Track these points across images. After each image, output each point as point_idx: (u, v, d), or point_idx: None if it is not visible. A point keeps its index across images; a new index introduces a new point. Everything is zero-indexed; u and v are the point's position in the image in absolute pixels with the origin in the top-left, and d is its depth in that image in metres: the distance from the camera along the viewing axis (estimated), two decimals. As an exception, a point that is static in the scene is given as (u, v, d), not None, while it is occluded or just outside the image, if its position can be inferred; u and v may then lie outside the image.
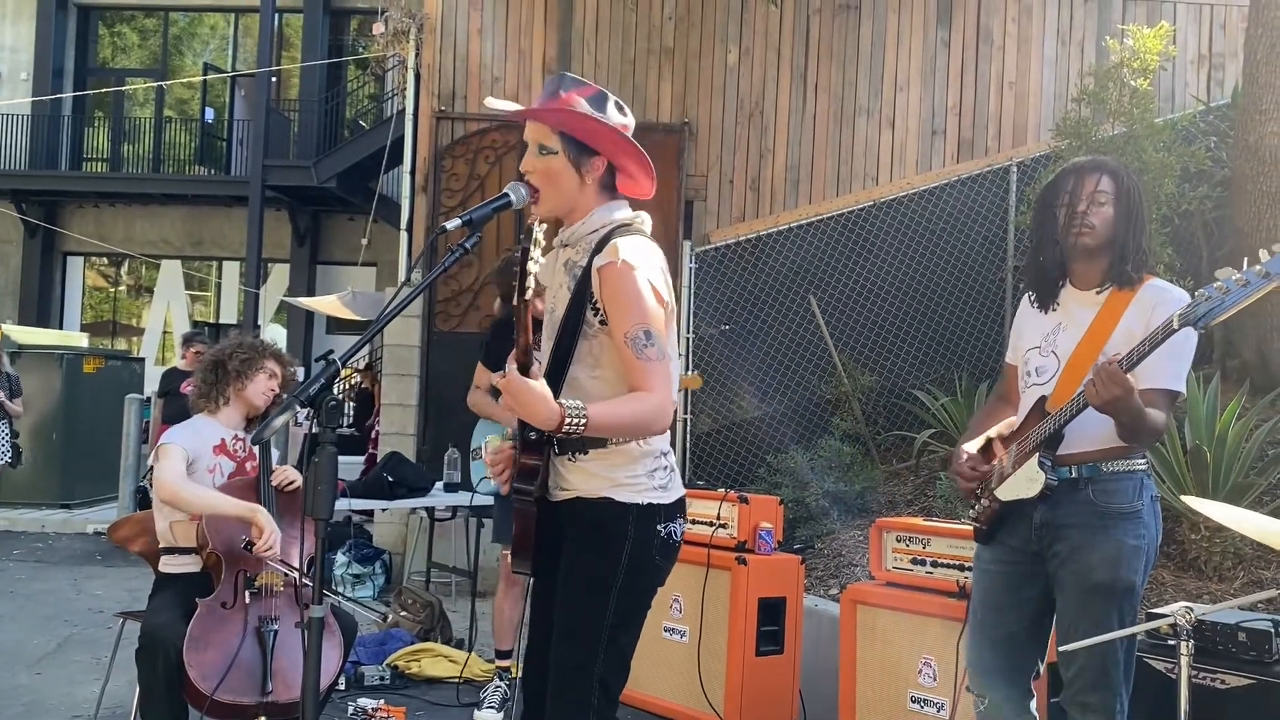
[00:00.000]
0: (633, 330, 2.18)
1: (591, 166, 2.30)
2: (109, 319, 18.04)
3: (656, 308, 2.22)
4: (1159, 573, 4.36)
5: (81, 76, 17.30)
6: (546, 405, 2.09)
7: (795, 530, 5.95)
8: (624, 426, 2.20)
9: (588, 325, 2.24)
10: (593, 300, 2.24)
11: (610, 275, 2.20)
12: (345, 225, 16.19)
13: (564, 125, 2.28)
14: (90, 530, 9.61)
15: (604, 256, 2.22)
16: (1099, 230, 2.61)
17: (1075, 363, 2.60)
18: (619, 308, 2.20)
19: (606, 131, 2.28)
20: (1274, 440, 4.74)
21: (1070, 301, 2.70)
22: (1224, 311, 2.18)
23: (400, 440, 7.53)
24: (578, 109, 2.28)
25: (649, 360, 2.18)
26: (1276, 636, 2.83)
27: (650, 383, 2.18)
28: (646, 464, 2.28)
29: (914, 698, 3.54)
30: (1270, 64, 5.73)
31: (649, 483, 2.28)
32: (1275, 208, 5.70)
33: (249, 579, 3.33)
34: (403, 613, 5.53)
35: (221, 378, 3.61)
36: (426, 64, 8.04)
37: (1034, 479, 2.56)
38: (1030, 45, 8.03)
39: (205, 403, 3.63)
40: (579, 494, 2.29)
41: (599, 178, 2.32)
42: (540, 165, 2.29)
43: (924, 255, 7.52)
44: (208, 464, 3.54)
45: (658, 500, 2.29)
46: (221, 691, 3.11)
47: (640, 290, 2.20)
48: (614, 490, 2.26)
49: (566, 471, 2.30)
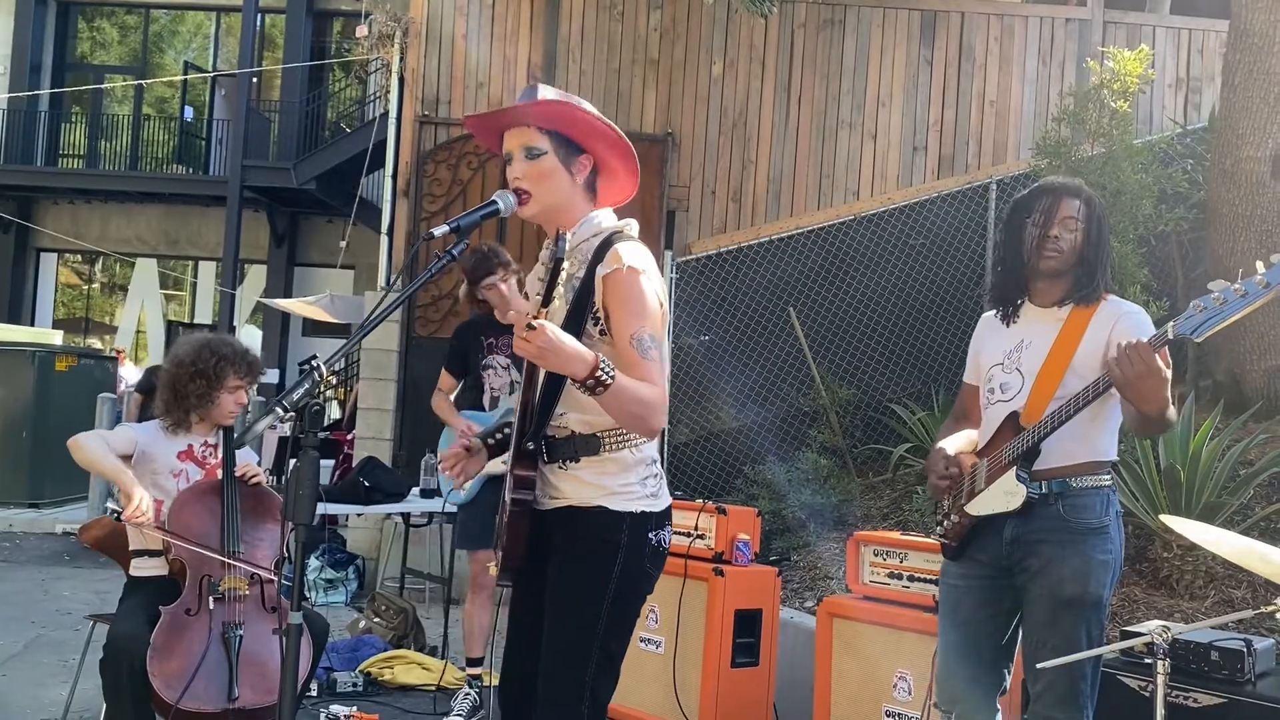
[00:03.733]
0: (638, 332, 2.20)
1: (580, 166, 2.30)
2: (82, 316, 17.86)
3: (657, 312, 2.24)
4: (1131, 590, 4.40)
5: (60, 72, 17.14)
6: (579, 351, 2.06)
7: (772, 542, 5.95)
8: (639, 400, 2.15)
9: (587, 337, 2.22)
10: (593, 310, 2.24)
11: (616, 281, 2.20)
12: (324, 228, 16.10)
13: (559, 119, 2.25)
14: (59, 530, 9.49)
15: (608, 264, 2.21)
16: (1066, 254, 2.64)
17: (1044, 379, 2.62)
18: (626, 311, 2.20)
19: (600, 125, 2.26)
20: (1246, 461, 4.79)
21: (1031, 318, 2.73)
22: (1221, 322, 2.18)
23: (376, 445, 7.49)
24: (558, 103, 2.25)
25: (653, 360, 2.20)
26: (1249, 656, 2.86)
27: (653, 377, 2.19)
28: (639, 472, 2.29)
29: (889, 712, 3.55)
30: (1247, 90, 5.81)
31: (641, 490, 2.28)
32: (1249, 230, 5.78)
33: (213, 584, 3.30)
34: (376, 619, 5.49)
35: (182, 404, 3.52)
36: (411, 68, 8.02)
37: (1013, 492, 2.58)
38: (1011, 64, 8.11)
39: (169, 421, 3.56)
40: (571, 502, 2.28)
41: (585, 178, 2.31)
42: (530, 169, 2.26)
43: (903, 270, 7.56)
44: (173, 468, 3.50)
45: (649, 508, 2.29)
46: (187, 699, 3.08)
47: (645, 294, 2.22)
48: (608, 499, 2.25)
49: (557, 480, 2.29)
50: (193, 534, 3.32)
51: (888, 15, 8.12)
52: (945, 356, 7.46)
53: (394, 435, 7.67)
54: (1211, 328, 2.19)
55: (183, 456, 3.53)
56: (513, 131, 2.29)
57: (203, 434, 3.59)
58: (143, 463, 3.47)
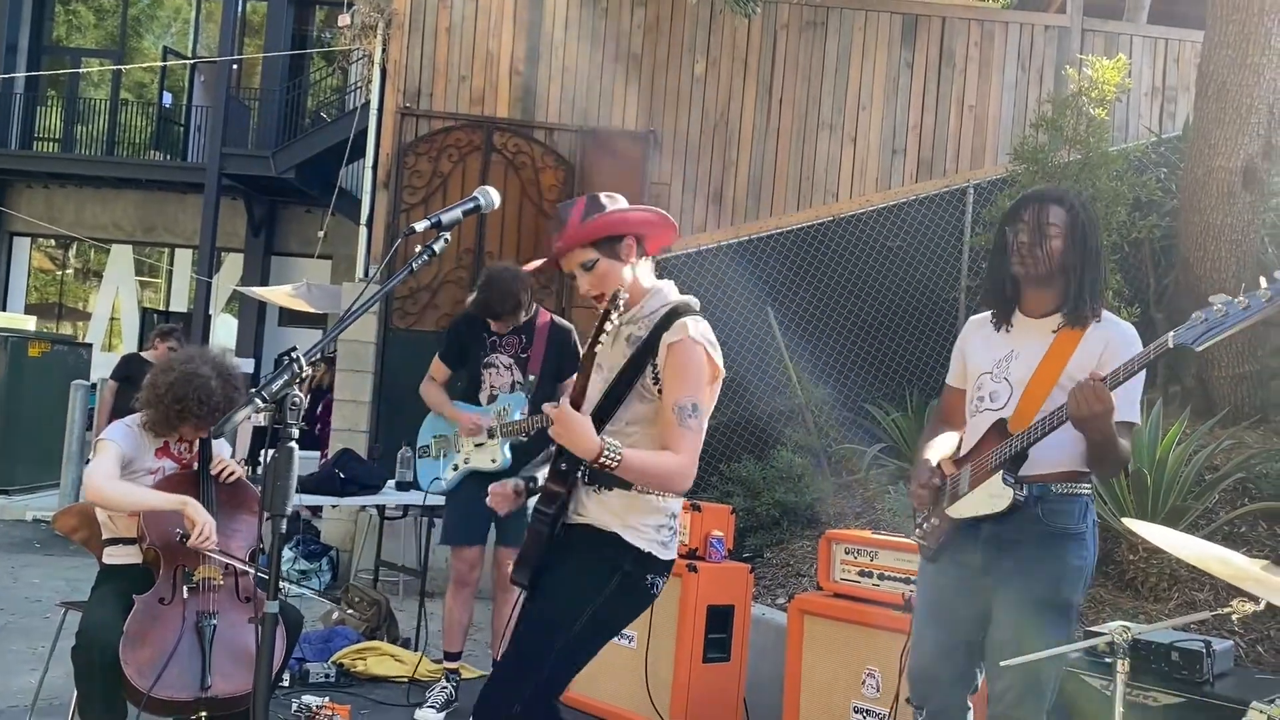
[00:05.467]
0: (683, 400, 2.48)
1: (626, 249, 2.62)
2: (55, 302, 17.69)
3: (708, 383, 2.54)
4: (1097, 591, 4.46)
5: (36, 54, 16.95)
6: (590, 438, 2.37)
7: (746, 539, 6.00)
8: (648, 475, 2.47)
9: (645, 390, 2.55)
10: (655, 370, 2.54)
11: (679, 350, 2.51)
12: (302, 217, 16.02)
13: (593, 235, 2.58)
14: (29, 517, 9.41)
15: (674, 334, 2.52)
16: (1043, 262, 2.65)
17: (1034, 387, 2.64)
18: (678, 379, 2.50)
19: (630, 216, 2.62)
20: (1211, 466, 4.86)
21: (1022, 328, 2.75)
22: (1224, 332, 2.20)
23: (352, 437, 7.48)
24: (588, 220, 2.58)
25: (688, 429, 2.47)
26: (1208, 657, 2.92)
27: (682, 446, 2.46)
28: (657, 519, 2.57)
29: (857, 708, 3.60)
30: (1220, 101, 5.89)
31: (655, 535, 2.56)
32: (1220, 239, 5.86)
33: (187, 574, 3.30)
34: (349, 610, 5.49)
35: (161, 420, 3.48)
36: (393, 60, 8.00)
37: (999, 495, 2.61)
38: (991, 70, 8.18)
39: (145, 419, 3.51)
40: (591, 522, 2.56)
41: (636, 252, 2.64)
42: (592, 279, 2.61)
43: (880, 272, 7.62)
44: (149, 465, 3.49)
45: (656, 553, 2.56)
46: (159, 688, 3.08)
47: (701, 366, 2.51)
48: (624, 530, 2.53)
49: (588, 500, 2.57)
50: (168, 525, 3.32)
51: (869, 18, 8.18)
52: (920, 358, 7.53)
53: (370, 427, 7.66)
54: (1213, 338, 2.21)
55: (160, 454, 3.52)
56: (565, 257, 2.64)
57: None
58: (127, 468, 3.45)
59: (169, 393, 3.41)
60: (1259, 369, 5.82)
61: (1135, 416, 2.62)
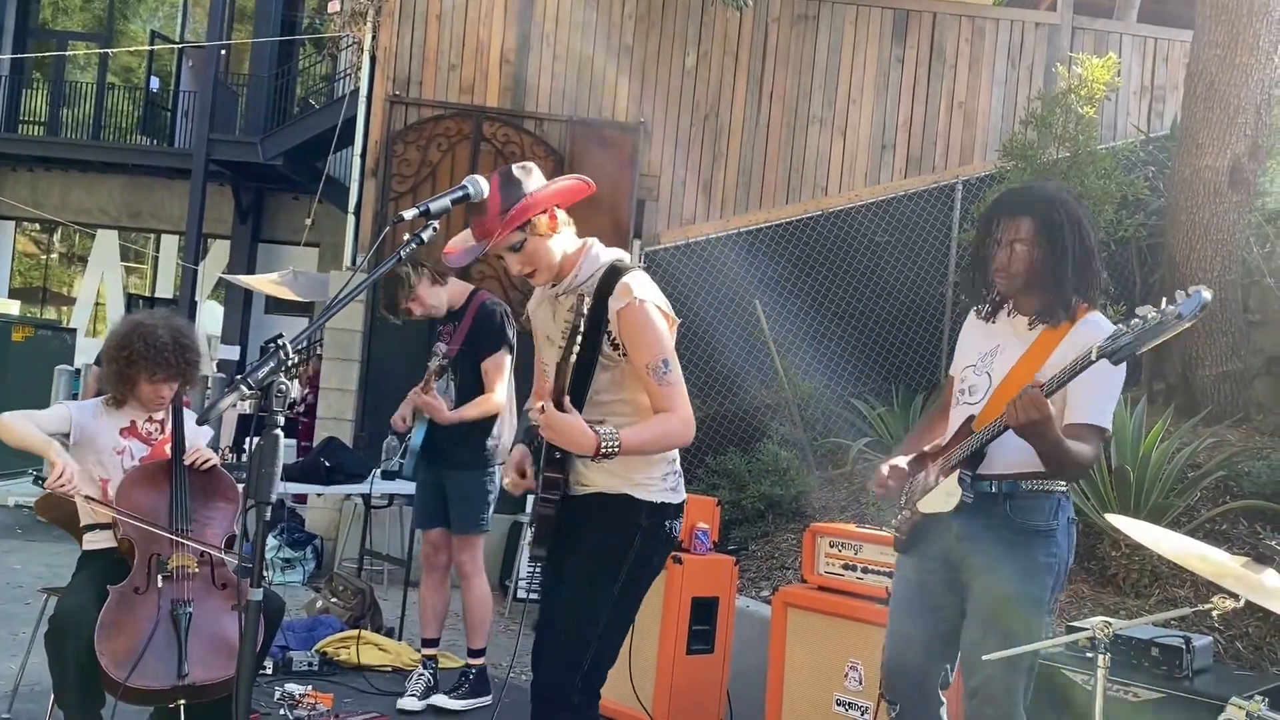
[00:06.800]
0: (653, 361, 2.51)
1: (550, 222, 2.59)
2: (39, 286, 17.56)
3: (668, 334, 2.55)
4: (1079, 586, 4.49)
5: (21, 37, 16.79)
6: (585, 435, 2.40)
7: (731, 531, 6.01)
8: (652, 445, 2.53)
9: (607, 359, 2.56)
10: (611, 337, 2.55)
11: (629, 314, 2.52)
12: (289, 204, 15.93)
13: (515, 218, 2.53)
14: (11, 503, 9.36)
15: (619, 297, 2.53)
16: (1014, 276, 2.66)
17: (1006, 386, 2.64)
18: (640, 343, 2.52)
19: (541, 196, 2.56)
20: (1194, 464, 4.90)
21: (1008, 325, 2.76)
22: (1140, 346, 2.26)
23: (338, 425, 7.46)
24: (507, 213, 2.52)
25: (669, 385, 2.51)
26: (1188, 653, 2.95)
27: (672, 403, 2.51)
28: (661, 468, 2.61)
29: (839, 700, 3.61)
30: (1208, 100, 5.92)
31: (662, 484, 2.61)
32: (1206, 238, 5.89)
33: (162, 562, 3.29)
34: (333, 599, 5.48)
35: (115, 377, 3.45)
36: (383, 47, 7.97)
37: (951, 494, 2.64)
38: (981, 66, 8.19)
39: (109, 396, 3.49)
40: (600, 489, 2.59)
41: (559, 219, 2.61)
42: (521, 259, 2.59)
43: (868, 267, 7.64)
44: (115, 445, 3.46)
45: (668, 500, 2.62)
46: (135, 678, 3.07)
47: (655, 323, 2.53)
48: (633, 489, 2.57)
49: (589, 470, 2.59)
50: (141, 512, 3.30)
51: (860, 12, 8.18)
52: (907, 353, 7.55)
53: (356, 416, 7.64)
54: (1131, 351, 2.27)
55: (125, 433, 3.49)
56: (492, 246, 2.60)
57: (143, 410, 3.53)
58: (83, 441, 3.42)
59: (116, 344, 3.40)
60: (1242, 368, 5.86)
61: (1102, 420, 2.58)
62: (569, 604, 2.59)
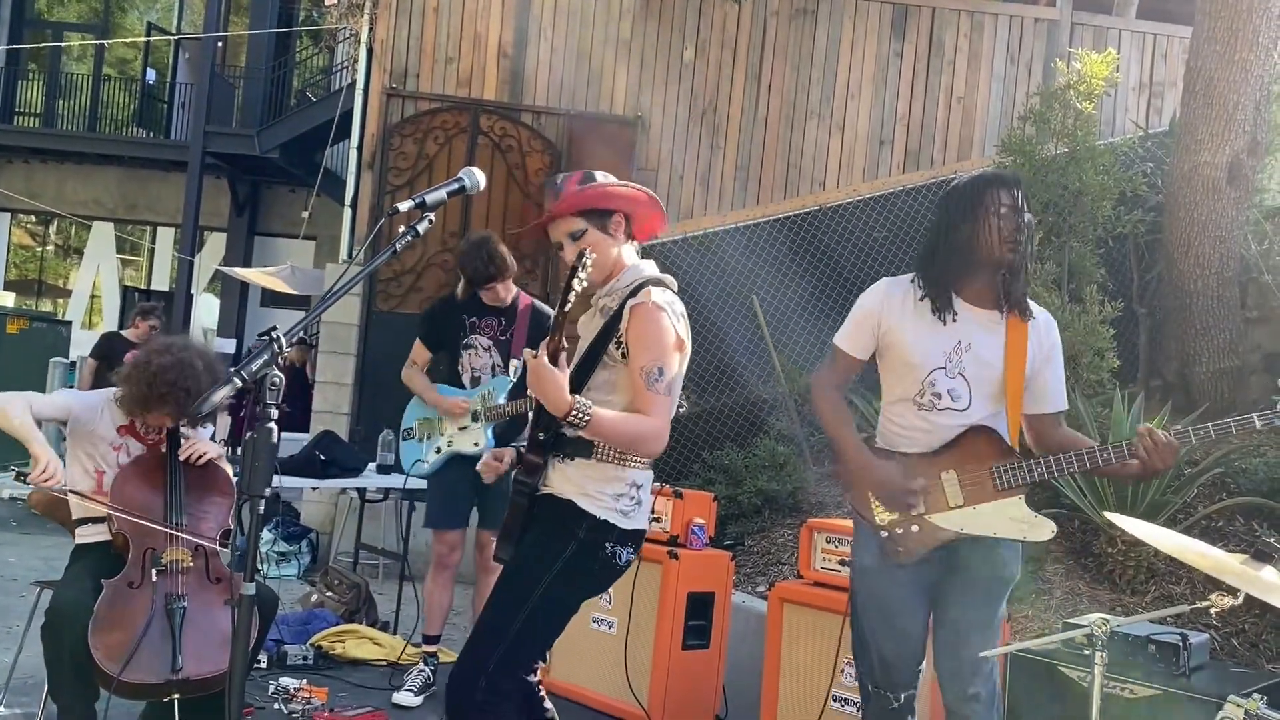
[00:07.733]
0: (649, 365, 2.47)
1: (615, 224, 2.64)
2: (35, 278, 17.51)
3: (673, 350, 2.51)
4: (1075, 584, 4.49)
5: (17, 28, 16.72)
6: (562, 392, 2.37)
7: (727, 526, 6.00)
8: (619, 435, 2.46)
9: (609, 358, 2.54)
10: (618, 336, 2.53)
11: (640, 313, 2.50)
12: (286, 197, 15.89)
13: (584, 204, 2.60)
14: (5, 495, 9.30)
15: (637, 298, 2.53)
16: (1022, 244, 2.63)
17: (1012, 399, 2.64)
18: (642, 343, 2.49)
19: (619, 191, 2.64)
20: (1191, 461, 4.89)
21: (968, 319, 2.67)
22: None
23: (334, 419, 7.44)
24: (585, 188, 2.60)
25: (656, 393, 2.47)
26: (1184, 650, 2.94)
27: (652, 410, 2.46)
28: (616, 487, 2.54)
29: (836, 696, 3.60)
30: (1207, 97, 5.91)
31: (613, 504, 2.54)
32: (1204, 235, 5.89)
33: (156, 556, 3.27)
34: (328, 593, 5.47)
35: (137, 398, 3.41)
36: (380, 40, 7.94)
37: (1032, 524, 2.61)
38: (980, 61, 8.18)
39: (121, 399, 3.46)
40: (553, 491, 2.56)
41: (624, 229, 2.66)
42: (578, 249, 2.54)
43: (866, 262, 7.62)
44: (113, 441, 3.45)
45: (614, 521, 2.53)
46: (129, 672, 3.05)
47: (664, 330, 2.49)
48: (580, 497, 2.52)
49: (553, 470, 2.57)
50: (135, 507, 3.28)
51: (860, 7, 8.16)
52: (904, 349, 7.53)
53: (352, 410, 7.62)
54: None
55: (124, 431, 3.48)
56: (554, 225, 2.64)
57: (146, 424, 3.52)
58: (79, 432, 3.41)
59: (161, 375, 3.33)
60: (1239, 365, 5.86)
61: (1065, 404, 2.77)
62: (491, 601, 2.56)
